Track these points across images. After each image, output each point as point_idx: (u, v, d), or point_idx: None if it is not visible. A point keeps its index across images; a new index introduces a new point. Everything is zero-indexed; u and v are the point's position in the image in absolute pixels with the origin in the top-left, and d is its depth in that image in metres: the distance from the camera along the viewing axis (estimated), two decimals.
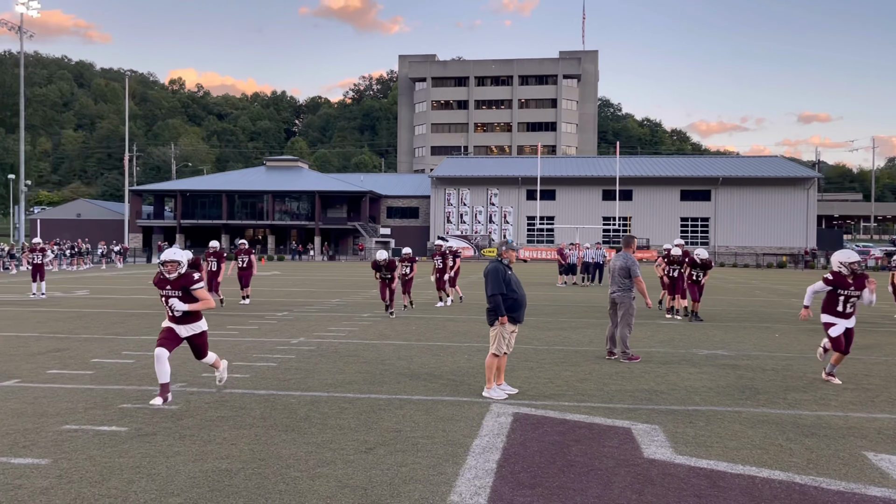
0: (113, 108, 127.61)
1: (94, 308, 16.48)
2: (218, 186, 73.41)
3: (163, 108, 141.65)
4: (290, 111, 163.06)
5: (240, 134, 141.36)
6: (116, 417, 6.23)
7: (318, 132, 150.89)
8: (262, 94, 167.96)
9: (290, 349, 10.31)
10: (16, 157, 65.96)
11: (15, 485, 4.50)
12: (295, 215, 73.69)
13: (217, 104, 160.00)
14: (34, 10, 50.76)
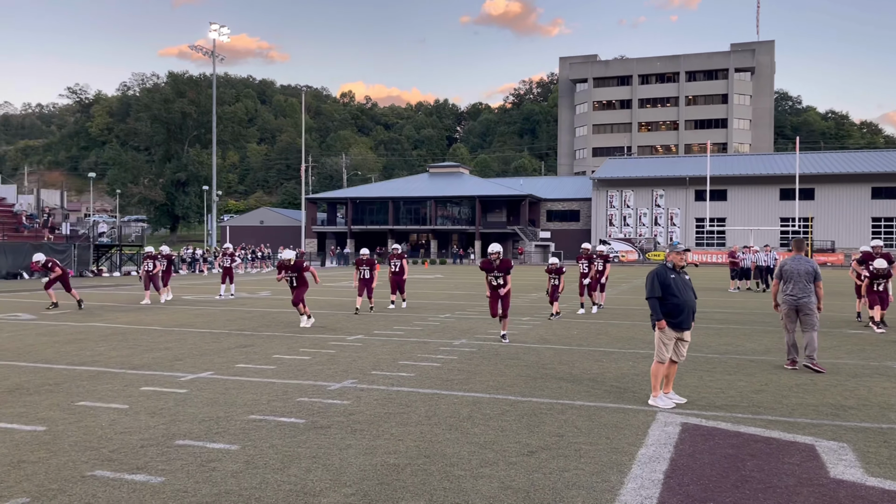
0: (291, 122, 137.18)
1: (275, 308, 17.77)
2: (384, 193, 76.61)
3: (335, 121, 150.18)
4: (451, 118, 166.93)
5: (404, 142, 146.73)
6: (295, 410, 6.67)
7: (479, 138, 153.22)
8: (426, 102, 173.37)
9: (452, 350, 10.54)
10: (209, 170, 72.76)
11: (210, 467, 4.95)
12: (456, 220, 75.26)
13: (384, 115, 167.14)
14: (225, 36, 55.73)
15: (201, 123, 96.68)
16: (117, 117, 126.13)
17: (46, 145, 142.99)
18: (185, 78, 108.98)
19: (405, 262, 17.83)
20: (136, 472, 4.82)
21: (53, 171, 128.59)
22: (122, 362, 9.32)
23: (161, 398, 7.15)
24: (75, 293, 17.78)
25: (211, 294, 22.84)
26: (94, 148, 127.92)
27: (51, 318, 15.06)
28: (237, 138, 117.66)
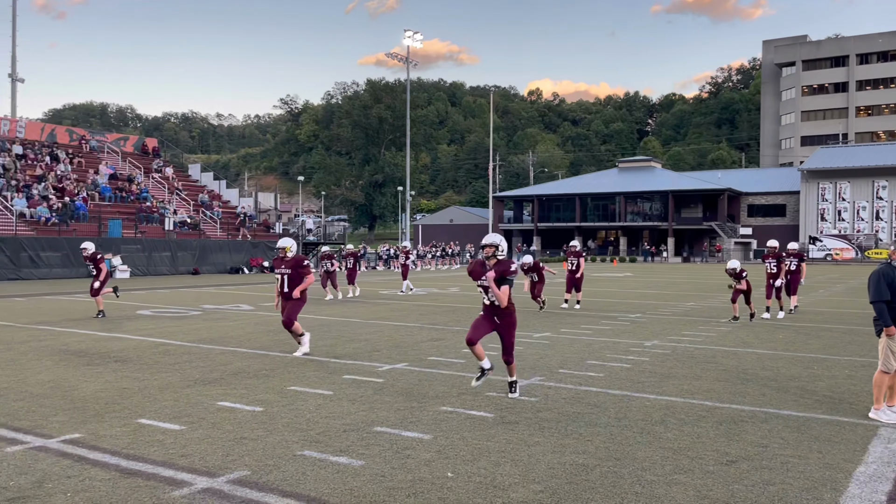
0: (479, 123, 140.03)
1: (464, 304, 18.24)
2: (571, 190, 75.80)
3: (522, 119, 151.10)
4: (642, 111, 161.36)
5: (592, 137, 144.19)
6: (484, 404, 6.81)
7: (672, 130, 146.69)
8: (615, 96, 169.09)
9: (643, 351, 10.20)
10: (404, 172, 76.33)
11: (405, 454, 5.20)
12: (647, 216, 72.65)
13: (571, 110, 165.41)
14: (418, 42, 58.12)
15: (396, 127, 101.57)
16: (322, 124, 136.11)
17: (262, 152, 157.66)
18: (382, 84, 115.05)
19: (582, 260, 17.38)
20: (340, 454, 5.17)
21: (268, 176, 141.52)
22: (327, 352, 10.04)
23: (361, 386, 7.61)
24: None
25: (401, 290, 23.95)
26: (303, 153, 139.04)
27: (266, 309, 16.58)
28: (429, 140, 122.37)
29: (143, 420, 6.11)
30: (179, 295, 20.64)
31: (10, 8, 43.73)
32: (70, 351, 9.99)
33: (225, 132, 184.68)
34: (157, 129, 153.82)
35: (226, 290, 22.61)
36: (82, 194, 34.01)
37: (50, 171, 35.14)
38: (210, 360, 9.21)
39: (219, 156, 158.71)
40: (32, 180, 33.30)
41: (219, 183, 46.15)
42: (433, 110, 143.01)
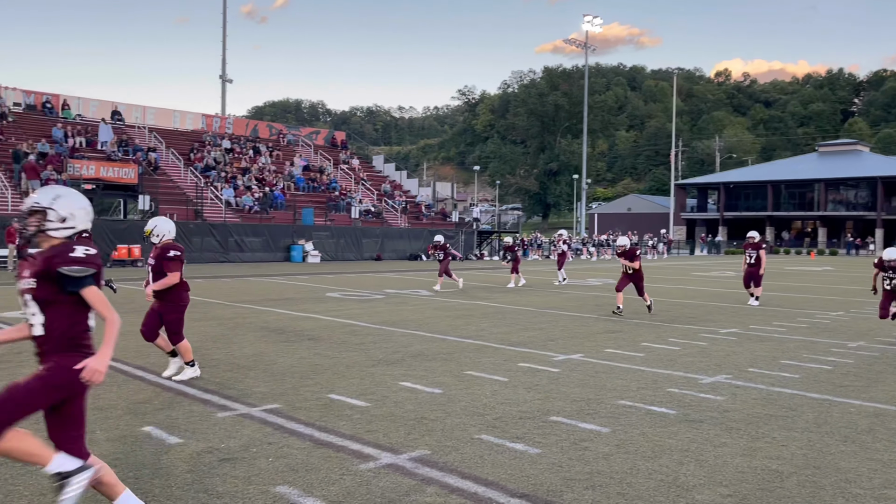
0: (661, 107, 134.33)
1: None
2: (763, 177, 70.65)
3: (707, 102, 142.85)
4: (847, 90, 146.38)
5: (788, 120, 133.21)
6: (665, 400, 6.54)
7: (882, 110, 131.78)
8: (815, 74, 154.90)
9: (847, 353, 9.30)
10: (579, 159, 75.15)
11: (582, 446, 5.12)
12: (851, 205, 66.11)
13: (764, 91, 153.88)
14: (597, 27, 56.83)
15: (573, 114, 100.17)
16: (498, 114, 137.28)
17: (440, 143, 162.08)
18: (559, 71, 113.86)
19: (763, 252, 15.63)
20: (516, 441, 5.21)
21: (446, 166, 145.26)
22: (502, 339, 10.15)
23: (536, 375, 7.61)
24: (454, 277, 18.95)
25: (578, 279, 23.60)
26: (479, 143, 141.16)
27: (443, 294, 17.07)
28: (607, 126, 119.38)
29: (333, 395, 6.53)
30: (364, 279, 21.80)
31: (221, 16, 48.28)
32: (270, 328, 10.89)
33: (406, 124, 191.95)
34: (344, 122, 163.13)
35: (406, 276, 23.56)
36: (280, 185, 36.91)
37: (253, 164, 38.47)
38: (392, 342, 9.64)
39: (400, 147, 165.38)
40: (238, 172, 36.64)
41: (400, 173, 48.09)
42: (611, 96, 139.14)
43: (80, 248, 3.24)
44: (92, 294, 3.23)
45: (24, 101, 35.45)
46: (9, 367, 7.55)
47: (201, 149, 37.63)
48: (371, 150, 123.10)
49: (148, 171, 32.01)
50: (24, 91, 35.79)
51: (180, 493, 4.10)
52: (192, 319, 11.46)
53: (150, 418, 5.67)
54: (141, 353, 8.41)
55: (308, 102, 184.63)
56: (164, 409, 5.94)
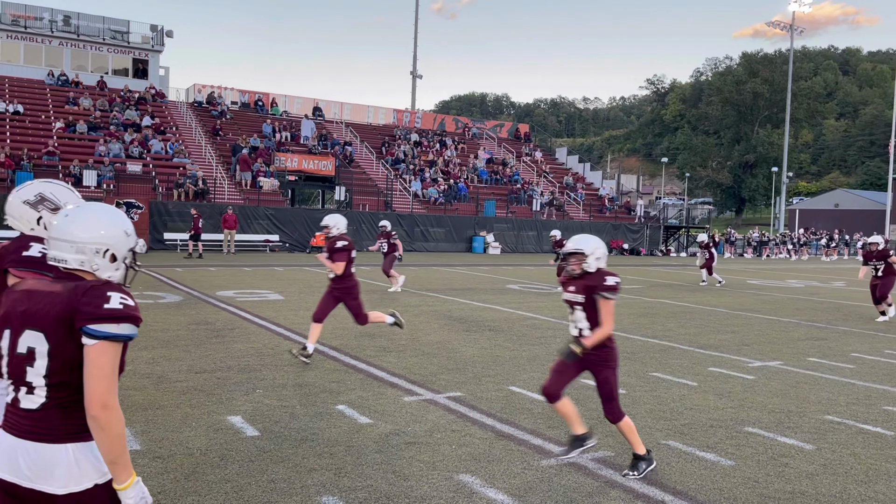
0: (878, 93, 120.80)
1: (852, 301, 16.03)
2: None
3: None
4: None
5: None
6: (881, 418, 5.88)
7: None
8: None
9: None
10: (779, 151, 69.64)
11: (782, 462, 4.74)
12: None
13: None
14: (806, 6, 52.21)
15: (773, 102, 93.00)
16: (689, 103, 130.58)
17: (626, 134, 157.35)
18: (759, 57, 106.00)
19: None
20: (707, 450, 4.92)
21: (631, 158, 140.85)
22: (690, 340, 9.65)
23: (728, 381, 7.15)
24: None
25: (776, 280, 21.91)
26: (667, 134, 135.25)
27: (627, 291, 16.56)
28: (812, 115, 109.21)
29: (514, 387, 6.56)
30: (544, 272, 21.73)
31: (414, 15, 50.17)
32: (453, 317, 11.18)
33: (590, 115, 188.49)
34: (528, 115, 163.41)
35: None
36: (464, 177, 37.77)
37: (439, 157, 39.69)
38: None
39: (584, 139, 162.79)
40: (425, 165, 37.98)
41: (583, 165, 47.32)
42: (819, 81, 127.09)
43: (611, 279, 4.44)
44: (605, 306, 4.45)
45: (240, 99, 39.16)
46: (224, 340, 8.38)
47: (392, 142, 39.43)
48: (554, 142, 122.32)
49: (344, 164, 34.09)
50: (239, 91, 39.53)
51: (370, 472, 4.31)
52: (379, 306, 12.05)
53: (344, 397, 6.03)
54: (336, 335, 8.97)
55: (493, 96, 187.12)
56: (356, 390, 6.29)
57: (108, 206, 2.33)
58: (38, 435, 2.10)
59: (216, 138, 33.47)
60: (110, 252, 2.22)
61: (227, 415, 5.37)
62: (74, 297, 2.08)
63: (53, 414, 2.11)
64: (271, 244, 27.40)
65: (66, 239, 2.17)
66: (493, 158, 42.28)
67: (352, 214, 30.11)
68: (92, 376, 2.06)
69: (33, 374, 2.12)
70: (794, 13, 52.37)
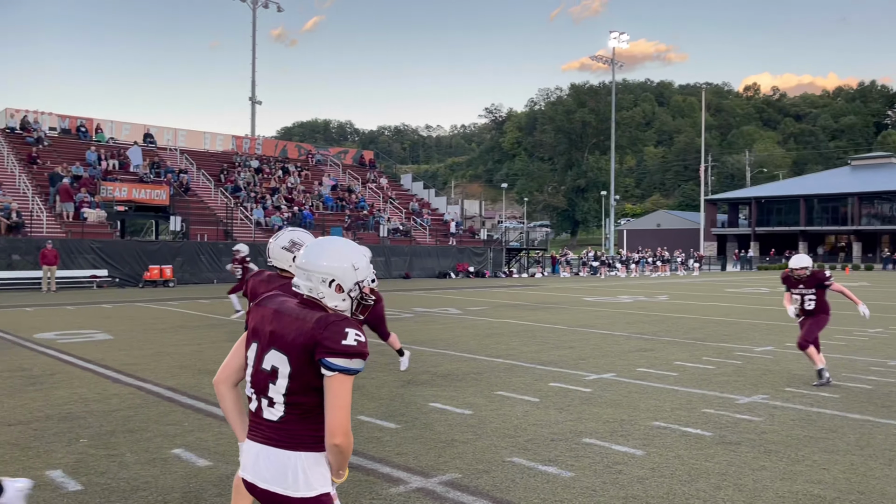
0: (689, 122, 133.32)
1: (674, 313, 17.40)
2: (795, 191, 69.65)
3: (737, 116, 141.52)
4: (880, 102, 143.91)
5: (819, 134, 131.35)
6: (700, 421, 6.39)
7: None
8: (846, 87, 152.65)
9: (887, 371, 9.03)
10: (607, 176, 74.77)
11: (616, 469, 5.01)
12: (886, 219, 64.83)
13: (794, 105, 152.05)
14: (624, 43, 56.71)
15: (600, 130, 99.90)
16: (525, 131, 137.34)
17: (468, 161, 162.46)
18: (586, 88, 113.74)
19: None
20: (549, 464, 5.11)
21: (473, 184, 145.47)
22: (532, 358, 10.03)
23: (567, 395, 7.49)
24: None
25: (609, 297, 23.37)
26: (506, 160, 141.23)
27: (473, 313, 16.99)
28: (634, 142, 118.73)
29: (363, 417, 6.48)
30: (392, 298, 21.80)
31: (251, 39, 49.08)
32: None
33: (434, 142, 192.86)
34: (372, 142, 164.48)
35: (434, 294, 23.52)
36: (309, 204, 37.23)
37: (282, 184, 38.88)
38: (422, 362, 9.58)
39: (428, 165, 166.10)
40: (268, 192, 37.05)
41: (428, 191, 48.22)
42: (639, 111, 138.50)
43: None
44: None
45: (60, 125, 36.29)
46: (42, 388, 7.64)
47: (231, 170, 38.14)
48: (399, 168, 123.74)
49: (179, 193, 32.49)
50: (59, 116, 36.65)
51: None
52: (222, 339, 11.52)
53: (181, 440, 5.67)
54: (172, 374, 8.45)
55: (336, 122, 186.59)
56: (195, 432, 5.94)
57: (345, 241, 2.58)
58: (277, 441, 2.40)
59: (32, 167, 30.75)
60: (336, 283, 2.47)
61: (46, 469, 4.88)
62: (318, 330, 2.34)
63: (291, 426, 2.40)
64: (99, 280, 25.46)
65: (300, 266, 2.51)
66: (339, 185, 42.06)
67: (189, 245, 28.70)
68: (334, 407, 2.32)
69: (275, 391, 2.41)
70: (615, 49, 56.76)
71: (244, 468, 2.46)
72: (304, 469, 2.36)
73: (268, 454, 2.39)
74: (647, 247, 60.55)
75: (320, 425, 2.36)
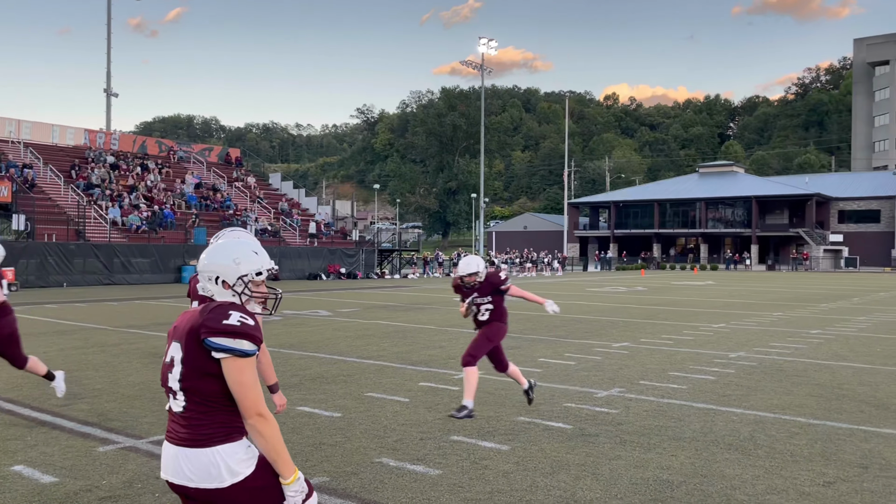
0: (554, 129, 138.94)
1: (539, 312, 18.05)
2: (649, 196, 74.14)
3: (598, 124, 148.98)
4: (723, 114, 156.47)
5: (671, 142, 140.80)
6: (562, 415, 6.67)
7: (755, 133, 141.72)
8: (694, 100, 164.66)
9: (728, 363, 9.81)
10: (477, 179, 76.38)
11: (482, 465, 5.13)
12: (729, 222, 70.38)
13: (649, 115, 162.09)
14: (493, 50, 58.15)
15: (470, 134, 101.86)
16: (397, 133, 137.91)
17: (340, 161, 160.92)
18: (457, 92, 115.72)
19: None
20: (417, 462, 5.15)
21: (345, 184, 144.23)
22: (403, 358, 10.08)
23: (437, 394, 7.59)
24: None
25: None
26: (379, 162, 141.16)
27: (343, 315, 16.83)
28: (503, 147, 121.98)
29: None
30: None
31: (106, 27, 46.12)
32: (159, 354, 10.36)
33: (304, 142, 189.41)
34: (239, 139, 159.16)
35: (304, 296, 23.09)
36: (170, 203, 35.47)
37: (141, 181, 36.81)
38: (290, 365, 9.38)
39: (298, 165, 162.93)
40: (125, 190, 34.95)
41: (298, 191, 47.28)
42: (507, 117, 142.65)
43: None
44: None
45: None
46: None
47: (84, 166, 35.67)
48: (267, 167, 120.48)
49: (23, 189, 29.99)
50: None
51: None
52: (71, 347, 10.77)
53: (22, 456, 5.24)
54: (14, 385, 7.79)
55: (201, 118, 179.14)
56: (39, 446, 5.51)
57: (239, 239, 2.71)
58: (192, 441, 2.39)
59: None
60: (221, 279, 2.57)
61: None
62: (203, 313, 2.43)
63: (197, 419, 2.41)
64: None
65: (198, 269, 2.65)
66: (203, 183, 40.37)
67: (35, 246, 26.57)
68: (234, 390, 2.38)
69: (173, 380, 2.46)
70: (484, 54, 58.12)
71: (165, 471, 2.46)
72: (225, 459, 2.38)
73: (186, 455, 2.39)
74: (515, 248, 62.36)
75: (228, 416, 2.41)
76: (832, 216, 68.26)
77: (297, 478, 2.46)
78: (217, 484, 2.37)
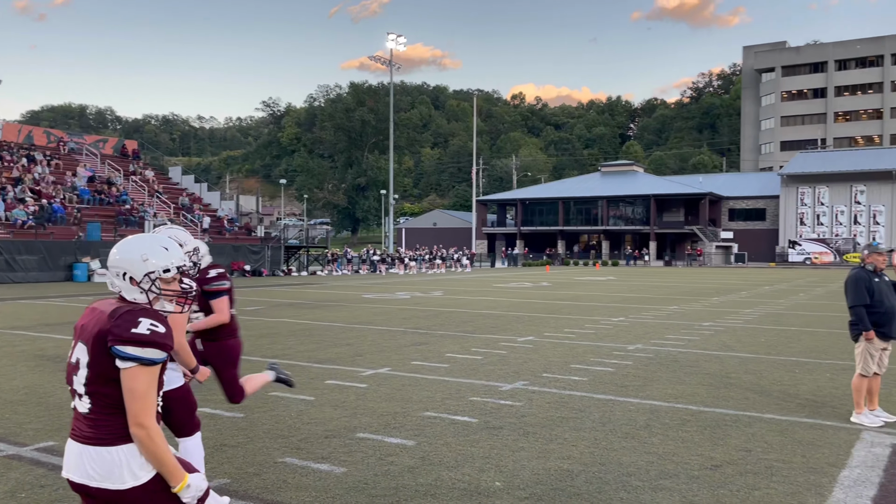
0: (463, 126, 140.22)
1: (448, 308, 18.19)
2: (555, 194, 76.00)
3: (505, 123, 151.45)
4: (624, 116, 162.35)
5: (575, 142, 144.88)
6: (468, 409, 6.75)
7: (654, 135, 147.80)
8: (597, 101, 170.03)
9: (627, 355, 10.20)
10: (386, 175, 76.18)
11: (388, 461, 5.13)
12: (629, 220, 73.08)
13: (554, 115, 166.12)
14: (401, 46, 58.08)
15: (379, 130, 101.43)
16: (304, 127, 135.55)
17: (244, 155, 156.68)
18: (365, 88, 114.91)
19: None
20: (322, 461, 5.09)
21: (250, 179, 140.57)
22: (309, 356, 9.94)
23: (343, 391, 7.53)
24: None
25: (388, 293, 23.86)
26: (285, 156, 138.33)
27: (248, 313, 16.42)
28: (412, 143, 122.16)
29: None
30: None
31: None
32: (46, 356, 9.81)
33: (206, 135, 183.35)
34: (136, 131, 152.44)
35: None
36: (60, 197, 33.57)
37: (27, 174, 34.65)
38: None
39: (200, 158, 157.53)
40: (9, 182, 32.82)
41: (199, 186, 45.74)
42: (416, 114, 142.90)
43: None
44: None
45: None
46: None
47: None
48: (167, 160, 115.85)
49: None
50: None
51: None
52: None
53: None
54: None
55: (94, 108, 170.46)
56: None
57: (156, 234, 2.63)
58: (97, 440, 2.37)
59: None
60: (128, 275, 2.50)
61: None
62: (111, 318, 2.37)
63: (103, 420, 2.38)
64: None
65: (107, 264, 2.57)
66: (97, 176, 38.42)
67: None
68: (126, 399, 2.34)
69: (78, 382, 2.43)
70: (392, 50, 57.98)
71: (67, 468, 2.43)
72: (128, 460, 2.37)
73: (90, 453, 2.38)
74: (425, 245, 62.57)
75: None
76: (723, 214, 72.05)
77: (187, 484, 2.42)
78: (118, 485, 2.36)
